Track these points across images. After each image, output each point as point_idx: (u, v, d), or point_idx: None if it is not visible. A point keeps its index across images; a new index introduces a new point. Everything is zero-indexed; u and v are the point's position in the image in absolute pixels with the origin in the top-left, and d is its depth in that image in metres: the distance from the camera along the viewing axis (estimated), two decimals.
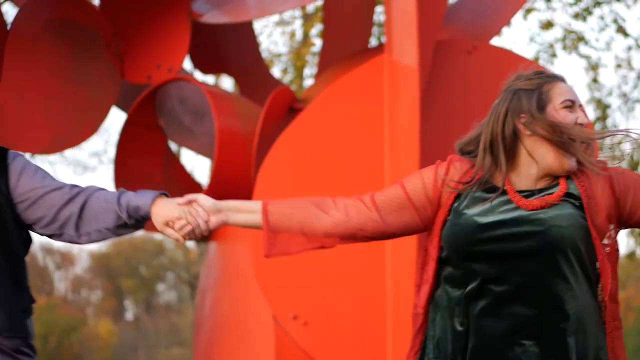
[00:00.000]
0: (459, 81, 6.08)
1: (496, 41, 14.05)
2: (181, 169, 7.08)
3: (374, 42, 11.50)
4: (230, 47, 7.39)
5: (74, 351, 29.22)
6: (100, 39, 6.21)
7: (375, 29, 12.09)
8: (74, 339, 29.00)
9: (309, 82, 13.18)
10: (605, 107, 13.88)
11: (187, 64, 8.35)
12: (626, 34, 13.29)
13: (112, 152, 19.94)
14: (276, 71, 13.75)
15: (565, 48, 13.42)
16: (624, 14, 44.26)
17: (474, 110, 6.05)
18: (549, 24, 13.03)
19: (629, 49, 13.79)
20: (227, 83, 15.97)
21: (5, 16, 5.95)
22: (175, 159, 7.07)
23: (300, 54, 12.87)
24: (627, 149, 2.87)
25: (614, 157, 2.95)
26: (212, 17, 6.47)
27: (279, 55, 14.01)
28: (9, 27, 5.75)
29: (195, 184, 6.96)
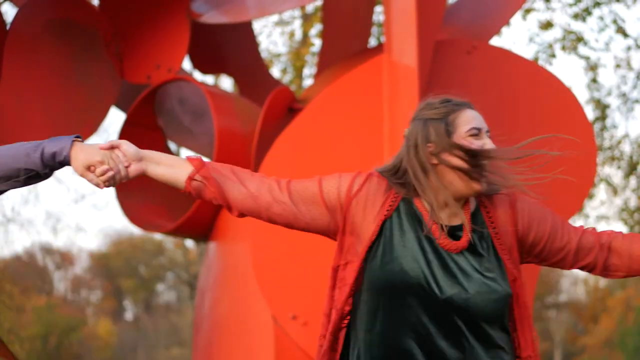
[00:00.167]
0: (458, 81, 6.07)
1: (496, 41, 14.07)
2: None
3: (373, 42, 11.50)
4: (229, 47, 7.39)
5: (73, 351, 29.22)
6: (100, 39, 6.21)
7: (374, 29, 12.10)
8: (73, 339, 28.99)
9: (308, 82, 13.19)
10: (604, 107, 13.90)
11: (187, 64, 8.36)
12: (625, 34, 13.30)
13: None
14: (275, 71, 13.76)
15: (564, 48, 13.43)
16: (624, 15, 44.25)
17: None
18: (549, 24, 13.04)
19: (629, 49, 13.81)
20: (226, 83, 15.98)
21: (5, 16, 5.95)
22: None
23: (300, 54, 12.87)
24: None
25: (612, 157, 2.96)
26: (212, 17, 6.47)
27: (278, 55, 14.02)
28: (8, 27, 5.75)
29: None
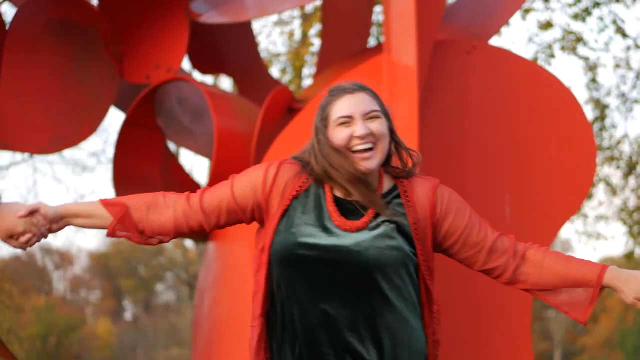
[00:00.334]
0: (458, 81, 6.07)
1: (495, 41, 14.09)
2: (180, 169, 7.07)
3: (373, 42, 11.50)
4: (229, 48, 7.39)
5: (73, 351, 29.22)
6: (100, 39, 6.21)
7: (374, 29, 12.10)
8: (73, 339, 28.99)
9: (307, 82, 13.19)
10: (604, 107, 13.90)
11: (186, 64, 8.36)
12: (625, 35, 13.30)
13: (111, 152, 19.90)
14: (275, 71, 13.76)
15: (564, 49, 13.43)
16: (623, 15, 44.28)
17: (473, 110, 6.06)
18: (548, 25, 13.05)
19: (628, 49, 13.81)
20: (226, 83, 15.99)
21: (4, 16, 5.95)
22: (174, 159, 7.07)
23: (299, 54, 12.87)
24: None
25: (612, 158, 2.97)
26: (211, 18, 6.47)
27: (277, 56, 14.02)
28: (8, 27, 5.75)
29: (194, 184, 6.96)
